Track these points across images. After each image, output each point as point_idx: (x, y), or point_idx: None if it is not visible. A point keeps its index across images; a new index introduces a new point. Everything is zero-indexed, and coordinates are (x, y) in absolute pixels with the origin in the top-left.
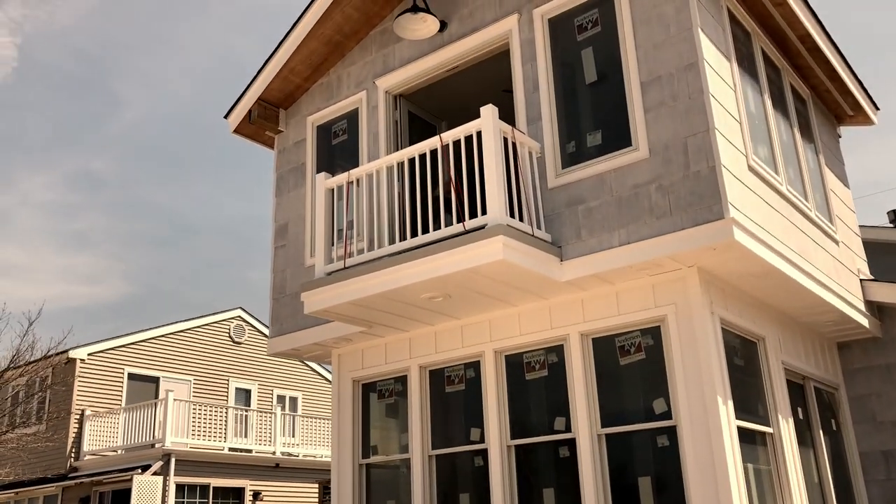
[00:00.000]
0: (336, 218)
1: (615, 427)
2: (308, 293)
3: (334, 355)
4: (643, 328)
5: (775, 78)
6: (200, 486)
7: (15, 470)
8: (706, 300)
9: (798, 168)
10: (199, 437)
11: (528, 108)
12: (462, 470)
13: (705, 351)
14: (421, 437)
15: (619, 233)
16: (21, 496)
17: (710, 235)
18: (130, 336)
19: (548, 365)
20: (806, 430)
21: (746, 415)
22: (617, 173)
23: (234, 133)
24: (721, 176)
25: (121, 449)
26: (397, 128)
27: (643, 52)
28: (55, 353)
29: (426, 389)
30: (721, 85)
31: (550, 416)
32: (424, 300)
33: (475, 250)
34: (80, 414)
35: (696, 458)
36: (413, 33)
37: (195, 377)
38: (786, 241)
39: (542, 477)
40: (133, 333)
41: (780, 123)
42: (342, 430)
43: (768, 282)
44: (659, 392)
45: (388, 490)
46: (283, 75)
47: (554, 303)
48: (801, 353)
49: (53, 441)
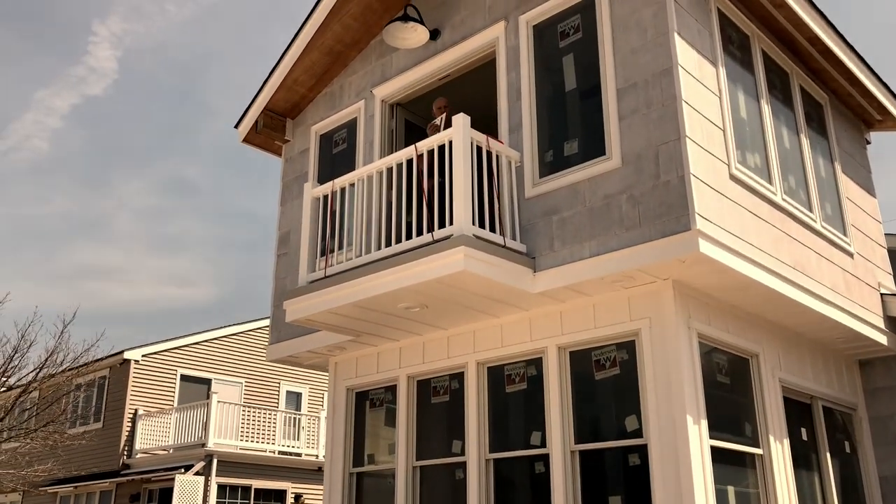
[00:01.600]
0: (327, 227)
1: (588, 444)
2: (289, 301)
3: (331, 363)
4: (619, 342)
5: (780, 83)
6: (242, 487)
7: (75, 465)
8: (682, 314)
9: (803, 177)
10: (248, 439)
11: (511, 116)
12: (444, 482)
13: (676, 367)
14: (406, 447)
15: (589, 244)
16: (80, 490)
17: (676, 247)
18: (183, 339)
19: (527, 378)
20: (811, 452)
21: (730, 435)
22: (590, 183)
23: (243, 142)
24: (690, 186)
25: (170, 448)
26: (393, 136)
27: (620, 58)
28: (89, 360)
29: (413, 399)
30: (701, 91)
31: (527, 431)
32: (401, 310)
33: (438, 261)
34: (134, 413)
35: (663, 478)
36: (403, 42)
37: (246, 380)
38: (775, 254)
39: (518, 492)
40: (186, 336)
41: (780, 130)
42: (335, 438)
43: (754, 296)
44: (632, 409)
45: (377, 499)
46: (287, 85)
47: (534, 314)
48: (807, 370)
49: (108, 438)
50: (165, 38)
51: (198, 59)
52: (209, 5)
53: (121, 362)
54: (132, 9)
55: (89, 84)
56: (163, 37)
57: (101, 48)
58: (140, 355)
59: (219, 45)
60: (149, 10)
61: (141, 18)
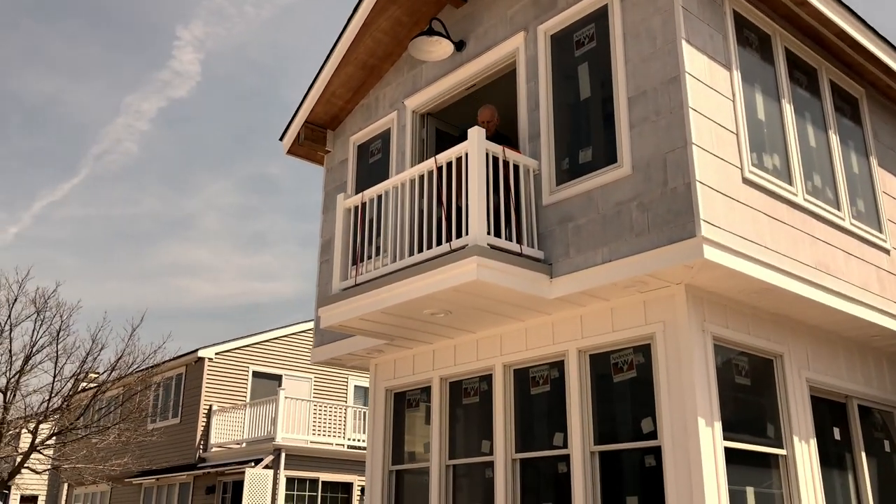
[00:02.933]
0: (358, 236)
1: (607, 445)
2: (323, 308)
3: (371, 365)
4: (635, 346)
5: (807, 79)
6: (310, 480)
7: (156, 459)
8: (696, 318)
9: (831, 175)
10: (318, 433)
11: (530, 125)
12: (475, 480)
13: (688, 370)
14: (439, 446)
15: (602, 250)
16: (162, 482)
17: (683, 254)
18: (255, 336)
19: (550, 380)
20: (845, 452)
21: (750, 436)
22: (603, 190)
23: (287, 154)
24: (696, 193)
25: (243, 442)
26: (423, 145)
27: (632, 66)
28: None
29: (446, 400)
30: (711, 97)
31: (551, 432)
32: (427, 315)
33: (453, 271)
34: (208, 409)
35: (676, 479)
36: (428, 55)
37: (316, 375)
38: (794, 256)
39: (543, 492)
40: (257, 334)
41: (804, 128)
42: (375, 437)
43: (775, 298)
44: (647, 411)
45: (415, 496)
46: (326, 99)
47: (556, 318)
48: (841, 369)
49: (185, 433)
50: (245, 39)
51: (276, 58)
52: (286, 5)
53: (195, 360)
54: (213, 12)
55: (174, 87)
56: (243, 38)
57: (184, 52)
58: (213, 353)
59: (295, 44)
60: (229, 12)
61: (221, 21)
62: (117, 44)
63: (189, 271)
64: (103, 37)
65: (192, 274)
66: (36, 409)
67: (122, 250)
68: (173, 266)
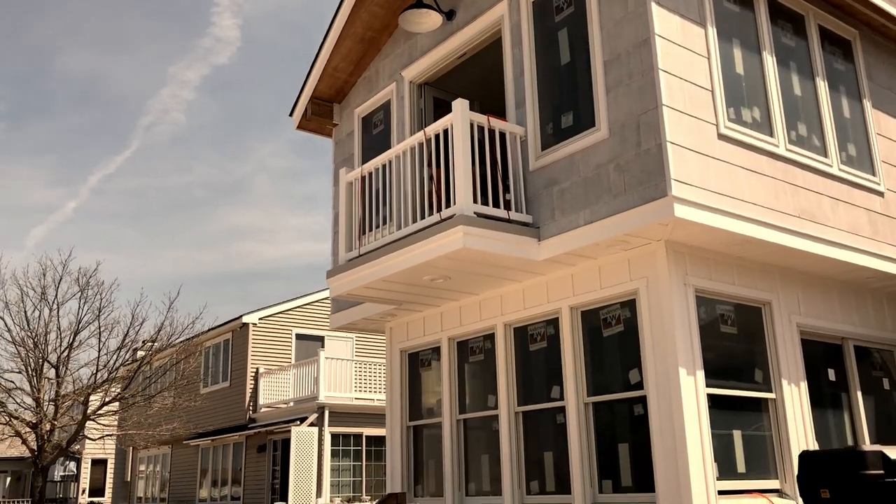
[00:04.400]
0: (359, 208)
1: (599, 396)
2: (331, 279)
3: (387, 328)
4: (622, 301)
5: (792, 27)
6: (354, 435)
7: (209, 421)
8: (678, 272)
9: (818, 122)
10: (360, 390)
11: (516, 91)
12: (483, 433)
13: (669, 322)
14: (450, 402)
15: (584, 212)
16: (217, 443)
17: (656, 213)
18: (296, 300)
19: (547, 336)
20: (841, 393)
21: (736, 382)
22: (584, 154)
23: (297, 129)
24: (666, 153)
25: (290, 402)
26: (422, 115)
27: (606, 31)
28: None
29: (454, 359)
30: (684, 56)
31: (549, 385)
32: (427, 281)
33: (442, 240)
34: (256, 371)
35: (660, 426)
36: (418, 26)
37: (357, 335)
38: (775, 207)
39: (543, 442)
40: (298, 298)
41: (788, 79)
42: (393, 395)
43: (758, 249)
44: (634, 363)
45: (430, 449)
46: (329, 74)
47: (550, 278)
48: (836, 313)
49: (235, 396)
50: (282, 2)
51: (314, 18)
52: None
53: (240, 326)
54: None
55: (216, 54)
56: (279, 1)
57: (223, 17)
58: (257, 318)
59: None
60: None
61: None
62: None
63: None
64: (142, 8)
65: (249, 237)
66: (85, 383)
67: (178, 218)
68: (230, 231)
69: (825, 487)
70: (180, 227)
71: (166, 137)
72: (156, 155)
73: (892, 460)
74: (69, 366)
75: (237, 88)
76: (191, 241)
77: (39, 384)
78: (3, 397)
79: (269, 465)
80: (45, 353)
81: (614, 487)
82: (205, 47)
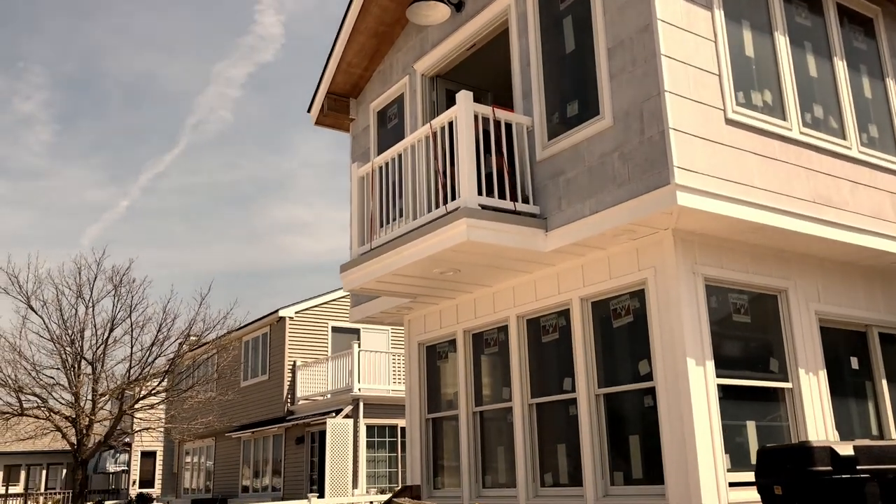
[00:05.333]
0: (379, 201)
1: (610, 388)
2: (344, 273)
3: (405, 321)
4: (631, 291)
5: (807, 7)
6: (389, 427)
7: (250, 413)
8: (686, 261)
9: (836, 103)
10: (396, 382)
11: (523, 81)
12: (498, 425)
13: (677, 311)
14: (465, 395)
15: (589, 202)
16: (257, 435)
17: (658, 202)
18: (331, 294)
19: (559, 328)
20: (865, 381)
21: (750, 372)
22: (589, 143)
23: (316, 125)
24: (669, 140)
25: (328, 394)
26: (434, 108)
27: (609, 16)
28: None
29: (470, 352)
30: (688, 41)
31: (561, 377)
32: (438, 274)
33: (447, 233)
34: (293, 364)
35: (669, 417)
36: (426, 19)
37: (392, 328)
38: (789, 192)
39: (557, 433)
40: (333, 291)
41: (803, 60)
42: (412, 388)
43: (773, 236)
44: (644, 354)
45: (448, 441)
46: (343, 69)
47: (561, 269)
48: (859, 299)
49: (274, 388)
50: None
51: None
52: None
53: (277, 320)
54: None
55: (260, 52)
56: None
57: (266, 15)
58: (293, 312)
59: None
60: None
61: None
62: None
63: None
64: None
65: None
66: (119, 380)
67: (226, 214)
68: (276, 225)
69: (778, 484)
70: (228, 223)
71: (214, 135)
72: (204, 152)
73: (842, 456)
74: (105, 362)
75: (281, 85)
76: (239, 235)
77: (77, 380)
78: (43, 393)
79: (308, 457)
80: (82, 350)
81: (626, 479)
82: (249, 45)
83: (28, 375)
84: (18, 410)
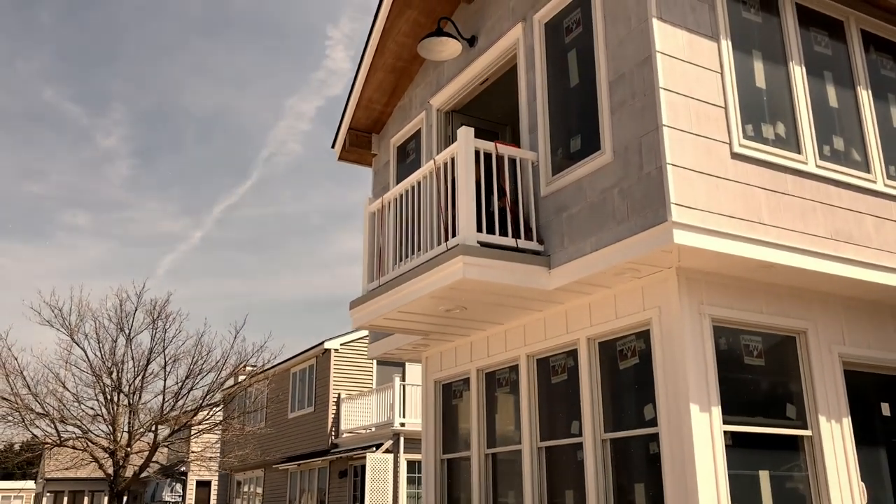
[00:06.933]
0: (380, 239)
1: (615, 433)
2: (353, 310)
3: (423, 358)
4: (636, 332)
5: (829, 34)
6: None
7: (297, 445)
8: (691, 301)
9: (859, 134)
10: None
11: (529, 115)
12: (508, 469)
13: (681, 354)
14: (478, 437)
15: (590, 240)
16: (303, 467)
17: (656, 240)
18: None
19: (567, 368)
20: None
21: (764, 419)
22: (590, 178)
23: (339, 160)
24: (666, 176)
25: (371, 427)
26: (449, 143)
27: (611, 50)
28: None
29: (482, 391)
30: (690, 73)
31: (569, 420)
32: (443, 311)
33: (445, 270)
34: (337, 397)
35: (672, 465)
36: (438, 55)
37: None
38: (803, 229)
39: (565, 479)
40: None
41: (821, 90)
42: (428, 427)
43: (787, 274)
44: (649, 398)
45: (462, 483)
46: (364, 105)
47: (569, 307)
48: (891, 340)
49: (318, 421)
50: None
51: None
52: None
53: (322, 352)
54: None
55: (329, 86)
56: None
57: (336, 50)
58: (338, 344)
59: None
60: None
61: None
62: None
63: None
64: (261, 45)
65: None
66: (154, 414)
67: (294, 245)
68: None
69: None
70: (296, 253)
71: (284, 167)
72: (275, 184)
73: None
74: (143, 395)
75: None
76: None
77: (116, 412)
78: (83, 425)
79: (350, 491)
80: (120, 383)
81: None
82: (319, 79)
83: (70, 407)
84: (57, 441)
